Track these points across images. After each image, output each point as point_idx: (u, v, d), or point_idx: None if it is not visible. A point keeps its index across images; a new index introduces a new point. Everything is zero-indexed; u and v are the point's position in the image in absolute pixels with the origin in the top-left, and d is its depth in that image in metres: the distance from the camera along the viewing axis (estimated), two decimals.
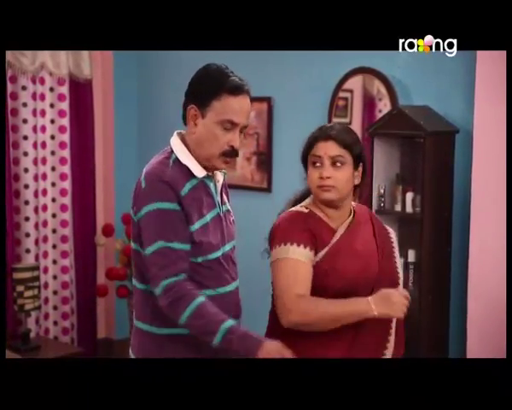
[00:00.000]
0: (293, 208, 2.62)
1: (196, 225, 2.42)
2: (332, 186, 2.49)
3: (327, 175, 2.49)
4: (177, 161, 2.46)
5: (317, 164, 2.54)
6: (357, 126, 4.42)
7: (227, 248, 2.57)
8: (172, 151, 2.49)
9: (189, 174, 2.45)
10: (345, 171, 2.51)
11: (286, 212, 2.64)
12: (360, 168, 2.57)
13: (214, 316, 2.35)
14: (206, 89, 2.45)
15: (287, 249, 2.53)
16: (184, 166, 2.45)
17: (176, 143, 2.51)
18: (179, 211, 2.38)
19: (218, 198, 2.55)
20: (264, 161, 4.98)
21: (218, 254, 2.50)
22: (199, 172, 2.46)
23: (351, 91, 4.52)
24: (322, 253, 2.51)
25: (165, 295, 2.35)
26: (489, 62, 3.58)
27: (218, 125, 2.44)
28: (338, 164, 2.50)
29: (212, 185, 2.53)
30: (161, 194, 2.38)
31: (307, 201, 2.63)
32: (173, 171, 2.42)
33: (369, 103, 4.50)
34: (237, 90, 2.46)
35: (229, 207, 2.65)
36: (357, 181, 2.57)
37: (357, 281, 2.49)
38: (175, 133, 2.55)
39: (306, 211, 2.58)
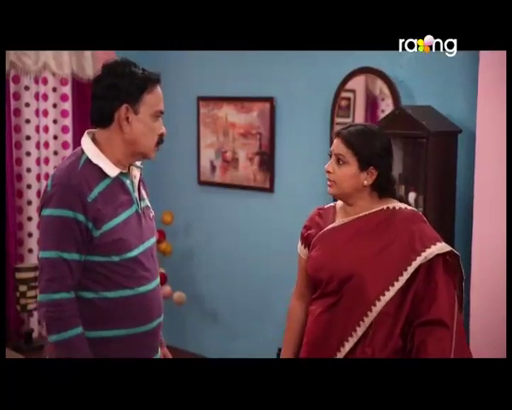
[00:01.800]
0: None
1: (110, 225, 2.41)
2: (333, 181, 2.63)
3: (328, 169, 2.64)
4: (87, 161, 2.44)
5: (330, 157, 2.67)
6: None
7: (146, 245, 2.54)
8: (83, 152, 2.47)
9: (102, 174, 2.43)
10: (346, 169, 2.60)
11: None
12: (372, 170, 2.60)
13: (83, 354, 2.37)
14: (137, 84, 2.44)
15: (298, 244, 2.84)
16: (96, 166, 2.43)
17: (87, 144, 2.48)
18: (81, 221, 2.36)
19: (136, 194, 2.54)
20: (267, 161, 4.98)
21: (136, 252, 2.48)
22: (111, 171, 2.45)
23: (353, 91, 4.52)
24: (312, 241, 2.73)
25: (49, 308, 2.37)
26: (491, 62, 3.58)
27: (152, 117, 2.47)
28: (340, 162, 2.61)
29: (128, 182, 2.52)
30: (65, 200, 2.37)
31: None
32: (82, 173, 2.40)
33: (372, 103, 4.51)
34: (159, 79, 2.50)
35: (148, 203, 2.64)
36: (366, 182, 2.61)
37: (321, 273, 2.65)
38: (85, 133, 2.52)
39: (327, 207, 2.79)
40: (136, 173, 2.57)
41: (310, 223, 2.78)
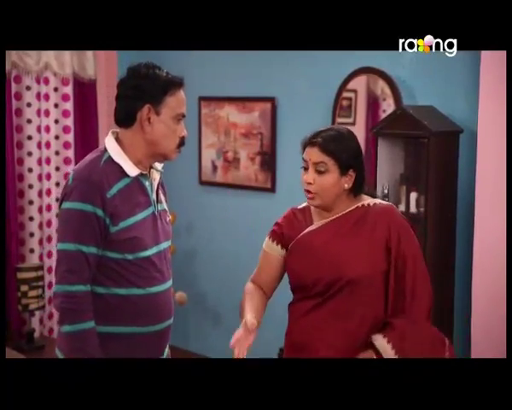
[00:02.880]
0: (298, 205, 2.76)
1: (126, 223, 2.45)
2: (315, 193, 2.58)
3: (309, 180, 2.59)
4: (109, 159, 2.48)
5: (305, 167, 2.63)
6: (361, 126, 4.43)
7: (161, 247, 2.58)
8: (106, 150, 2.51)
9: (122, 173, 2.48)
10: (328, 177, 2.57)
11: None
12: (351, 173, 2.58)
13: (93, 349, 2.40)
14: (160, 86, 2.48)
15: (265, 241, 2.78)
16: (117, 164, 2.48)
17: (110, 142, 2.53)
18: (100, 215, 2.40)
19: (154, 197, 2.58)
20: (268, 161, 4.98)
21: (150, 252, 2.51)
22: (132, 170, 2.49)
23: (355, 91, 4.52)
24: (290, 245, 2.66)
25: (64, 299, 2.41)
26: (493, 63, 3.58)
27: (173, 119, 2.53)
28: (321, 170, 2.57)
29: (147, 184, 2.56)
30: (85, 194, 2.41)
31: None
32: (103, 170, 2.45)
33: (373, 103, 4.50)
34: (182, 83, 2.55)
35: (165, 207, 2.67)
36: (347, 186, 2.59)
37: (306, 280, 2.61)
38: (110, 132, 2.57)
39: (301, 207, 2.73)
40: (155, 176, 2.61)
41: (283, 221, 2.73)
